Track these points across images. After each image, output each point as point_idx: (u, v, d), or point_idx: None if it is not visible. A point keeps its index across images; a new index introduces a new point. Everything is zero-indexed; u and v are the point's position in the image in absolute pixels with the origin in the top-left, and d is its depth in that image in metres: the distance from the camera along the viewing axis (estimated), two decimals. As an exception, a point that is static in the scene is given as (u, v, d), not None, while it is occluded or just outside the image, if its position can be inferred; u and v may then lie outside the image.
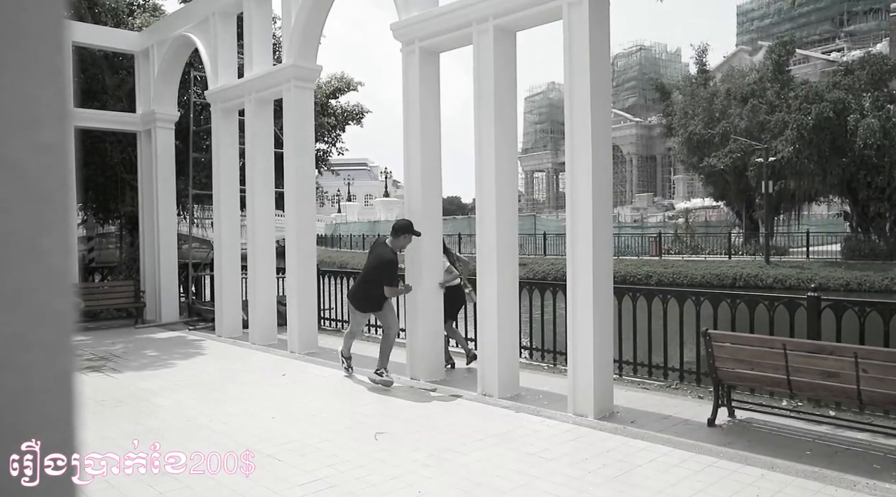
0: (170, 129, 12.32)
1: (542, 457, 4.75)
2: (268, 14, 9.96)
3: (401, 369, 7.56)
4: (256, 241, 9.78)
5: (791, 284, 25.21)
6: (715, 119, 33.51)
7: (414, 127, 7.28)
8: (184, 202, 14.80)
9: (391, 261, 6.99)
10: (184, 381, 7.42)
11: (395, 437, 5.27)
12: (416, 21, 7.15)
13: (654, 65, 78.17)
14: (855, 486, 4.11)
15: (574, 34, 5.80)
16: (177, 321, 12.15)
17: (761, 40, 57.43)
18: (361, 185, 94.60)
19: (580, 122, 5.79)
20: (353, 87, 17.82)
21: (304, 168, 9.18)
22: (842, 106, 28.11)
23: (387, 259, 6.95)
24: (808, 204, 35.61)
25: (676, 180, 68.28)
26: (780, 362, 5.00)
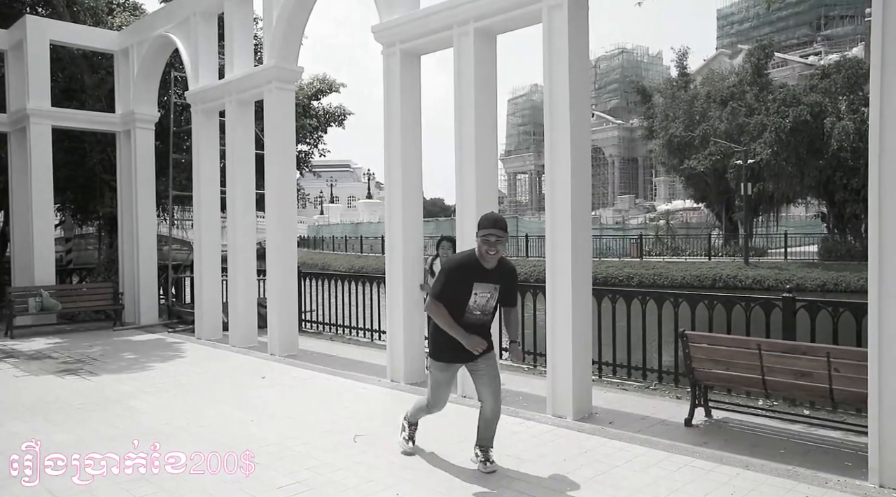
0: (150, 129, 12.22)
1: (521, 458, 4.77)
2: (249, 15, 9.92)
3: (381, 372, 7.56)
4: (237, 242, 9.73)
5: (769, 285, 25.54)
6: (695, 121, 33.90)
7: (395, 129, 7.29)
8: (164, 203, 14.71)
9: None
10: (162, 384, 7.36)
11: (375, 440, 5.27)
12: (398, 23, 7.16)
13: (636, 68, 78.77)
14: (826, 484, 4.18)
15: (553, 37, 5.84)
16: (156, 323, 12.04)
17: (741, 44, 58.13)
18: (344, 186, 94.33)
19: (560, 124, 5.84)
20: (335, 88, 17.82)
21: (284, 170, 9.15)
22: (818, 109, 28.56)
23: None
24: (787, 205, 36.13)
25: (658, 182, 68.80)
26: (756, 362, 5.08)
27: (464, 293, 4.26)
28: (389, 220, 7.42)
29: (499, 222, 4.23)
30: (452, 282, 4.26)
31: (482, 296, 4.27)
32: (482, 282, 4.26)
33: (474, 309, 4.28)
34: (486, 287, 4.28)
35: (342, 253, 48.65)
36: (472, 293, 4.25)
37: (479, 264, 4.25)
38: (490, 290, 4.30)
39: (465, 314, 4.29)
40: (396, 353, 7.29)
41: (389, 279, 7.41)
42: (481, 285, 4.26)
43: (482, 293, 4.26)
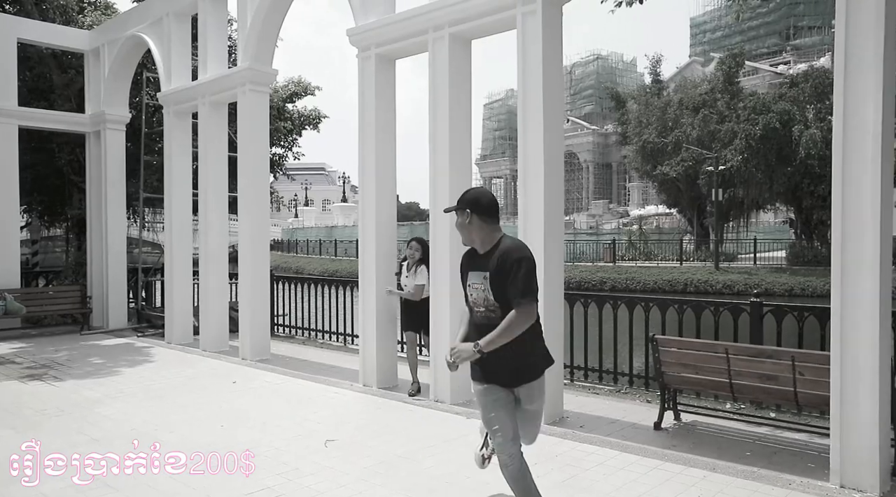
0: (120, 130, 12.04)
1: (493, 462, 4.78)
2: (223, 16, 9.84)
3: (353, 376, 7.53)
4: (209, 245, 9.62)
5: (739, 290, 25.95)
6: (668, 128, 34.35)
7: (369, 132, 7.28)
8: (134, 205, 14.48)
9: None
10: (130, 390, 7.25)
11: (346, 445, 5.25)
12: (373, 27, 7.16)
13: (611, 74, 79.64)
14: (790, 485, 4.26)
15: (527, 43, 5.89)
16: (125, 327, 11.85)
17: (713, 52, 59.11)
18: (319, 189, 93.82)
19: (533, 129, 5.88)
20: (310, 91, 17.74)
21: (258, 172, 9.08)
22: (787, 117, 29.17)
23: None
24: (756, 211, 36.75)
25: (631, 188, 69.60)
26: (723, 366, 5.16)
27: (464, 286, 3.59)
28: (363, 224, 7.41)
29: (461, 197, 3.55)
30: (459, 273, 3.67)
31: (475, 287, 3.47)
32: (474, 269, 3.50)
33: (475, 305, 3.50)
34: (477, 276, 3.47)
35: (316, 256, 48.35)
36: (468, 284, 3.55)
37: (472, 249, 3.57)
38: (480, 279, 3.44)
39: (472, 313, 3.55)
40: (369, 357, 7.26)
41: (362, 283, 7.38)
42: (473, 274, 3.50)
43: (475, 284, 3.47)
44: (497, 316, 3.36)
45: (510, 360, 3.39)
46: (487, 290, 3.39)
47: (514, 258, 3.30)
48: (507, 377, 3.43)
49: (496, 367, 3.39)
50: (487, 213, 3.43)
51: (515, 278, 3.27)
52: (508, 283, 3.28)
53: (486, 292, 3.40)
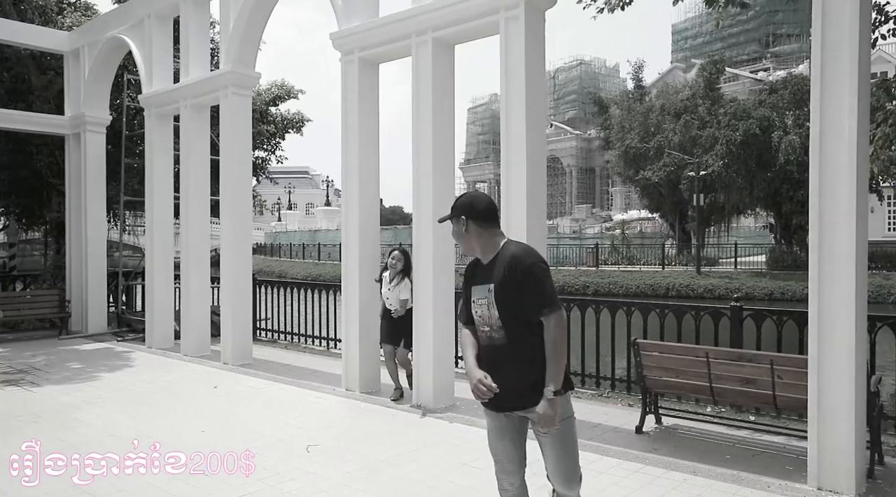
0: (101, 133, 11.91)
1: (475, 466, 4.79)
2: (206, 18, 9.78)
3: (336, 381, 7.50)
4: (190, 249, 9.55)
5: (720, 294, 26.20)
6: (650, 133, 34.63)
7: (352, 136, 7.27)
8: (115, 208, 14.32)
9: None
10: (109, 395, 7.16)
11: (328, 450, 5.22)
12: (356, 31, 7.16)
13: (594, 79, 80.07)
14: (769, 488, 4.31)
15: (510, 48, 5.92)
16: (105, 332, 11.71)
17: (695, 58, 59.65)
18: (303, 193, 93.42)
19: (515, 134, 5.91)
20: (293, 94, 17.68)
21: (240, 176, 9.04)
22: (767, 123, 29.53)
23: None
24: (737, 216, 37.13)
25: (614, 192, 70.02)
26: (704, 370, 5.21)
27: (467, 304, 3.09)
28: (346, 228, 7.39)
29: (454, 203, 3.10)
30: (463, 288, 3.16)
31: (480, 303, 2.98)
32: (477, 283, 3.02)
33: (480, 324, 2.99)
34: (481, 290, 2.98)
35: (299, 260, 48.14)
36: (472, 301, 3.03)
37: (476, 259, 3.09)
38: (484, 293, 2.95)
39: (477, 334, 3.04)
40: (352, 361, 7.24)
41: (345, 287, 7.36)
42: (477, 288, 3.01)
43: (479, 300, 2.98)
44: (500, 337, 2.90)
45: (515, 380, 2.88)
46: (492, 304, 2.91)
47: (525, 264, 2.84)
48: (514, 400, 2.92)
49: (500, 389, 2.87)
50: (484, 218, 2.99)
51: (533, 286, 2.81)
52: (525, 294, 2.82)
53: (490, 308, 2.92)
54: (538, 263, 2.88)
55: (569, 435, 2.98)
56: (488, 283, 2.94)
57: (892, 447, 5.02)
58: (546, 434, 2.92)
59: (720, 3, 7.65)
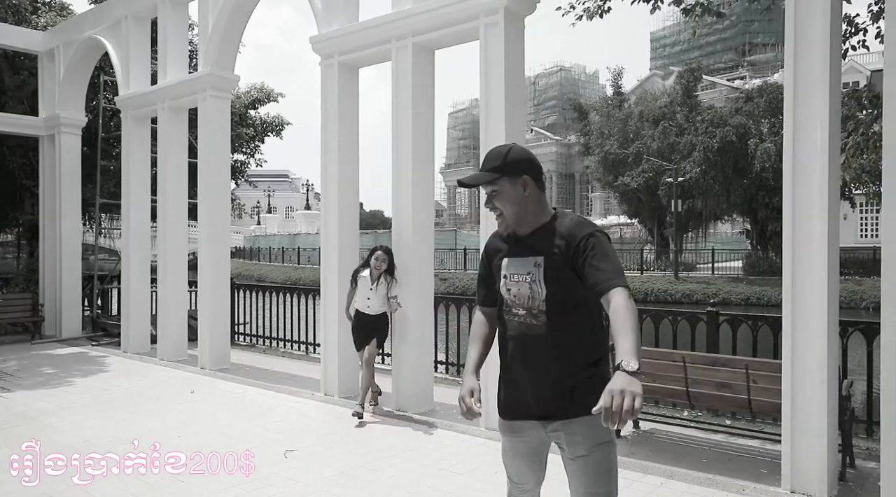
0: (76, 134, 11.74)
1: (454, 471, 4.79)
2: (184, 20, 9.70)
3: (314, 386, 7.46)
4: (167, 252, 9.45)
5: (698, 299, 26.46)
6: (629, 139, 34.95)
7: (332, 140, 7.25)
8: (90, 211, 14.12)
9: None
10: (83, 400, 7.05)
11: (306, 455, 5.19)
12: (336, 35, 7.15)
13: (574, 85, 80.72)
14: (744, 491, 4.36)
15: (490, 54, 5.95)
16: (79, 336, 11.53)
17: (673, 66, 60.37)
18: (282, 197, 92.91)
19: (495, 139, 5.92)
20: (273, 98, 17.59)
21: (219, 179, 8.96)
22: (743, 130, 29.98)
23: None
24: (714, 222, 37.60)
25: (594, 198, 70.58)
26: (680, 374, 5.26)
27: (493, 280, 2.51)
28: (325, 232, 7.36)
29: (503, 157, 2.38)
30: (481, 266, 2.63)
31: (516, 280, 2.40)
32: (515, 255, 2.43)
33: (514, 305, 2.42)
34: (521, 264, 2.41)
35: (279, 264, 47.83)
36: (501, 277, 2.45)
37: (509, 231, 2.48)
38: (528, 268, 2.38)
39: (504, 319, 2.47)
40: (330, 366, 7.20)
41: (324, 291, 7.33)
42: (514, 262, 2.43)
43: (516, 275, 2.40)
44: (540, 324, 2.34)
45: (549, 380, 2.34)
46: (538, 282, 2.34)
47: (586, 233, 2.29)
48: (543, 407, 2.37)
49: (516, 391, 2.41)
50: (541, 178, 2.43)
51: (603, 258, 2.23)
52: (592, 268, 2.23)
53: (534, 285, 2.35)
54: (602, 231, 2.34)
55: (608, 466, 2.38)
56: (536, 255, 2.36)
57: (863, 450, 5.10)
58: (579, 459, 2.34)
59: (697, 13, 7.75)
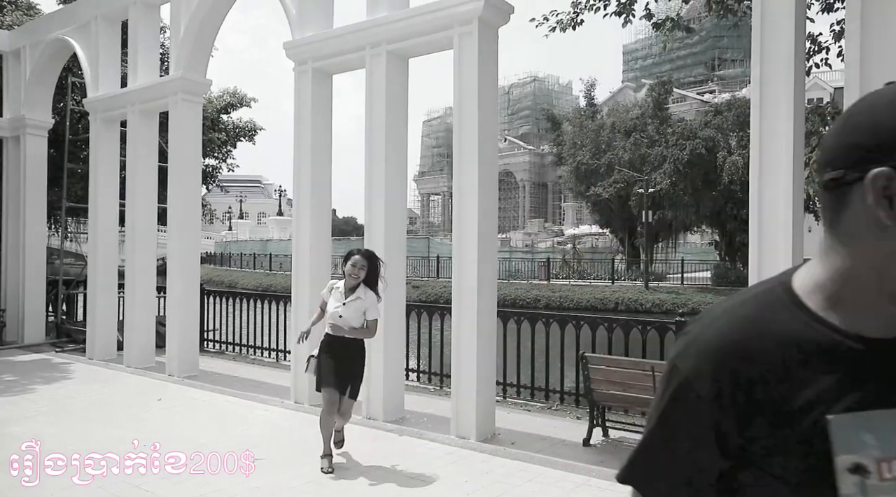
0: (42, 136, 11.51)
1: (423, 480, 4.78)
2: (156, 23, 9.60)
3: (284, 393, 7.38)
4: (136, 257, 9.29)
5: (667, 308, 26.79)
6: (601, 150, 35.35)
7: (305, 146, 7.22)
8: (56, 215, 13.83)
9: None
10: (45, 408, 6.88)
11: (275, 463, 5.13)
12: (310, 41, 7.13)
13: (547, 96, 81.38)
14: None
15: (463, 63, 5.99)
16: (42, 342, 11.26)
17: (644, 78, 61.30)
18: (254, 202, 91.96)
19: (468, 148, 5.96)
20: (246, 102, 17.45)
21: (189, 184, 8.86)
22: (712, 143, 30.53)
23: None
24: (684, 233, 38.15)
25: (566, 207, 71.09)
26: (649, 383, 5.31)
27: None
28: (297, 238, 7.32)
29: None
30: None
31: None
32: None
33: None
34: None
35: (250, 270, 47.26)
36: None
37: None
38: None
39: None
40: (301, 373, 7.12)
41: (296, 298, 7.28)
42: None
43: None
44: None
45: None
46: None
47: None
48: None
49: None
50: None
51: None
52: None
53: None
54: None
55: None
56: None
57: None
58: None
59: (667, 27, 7.90)
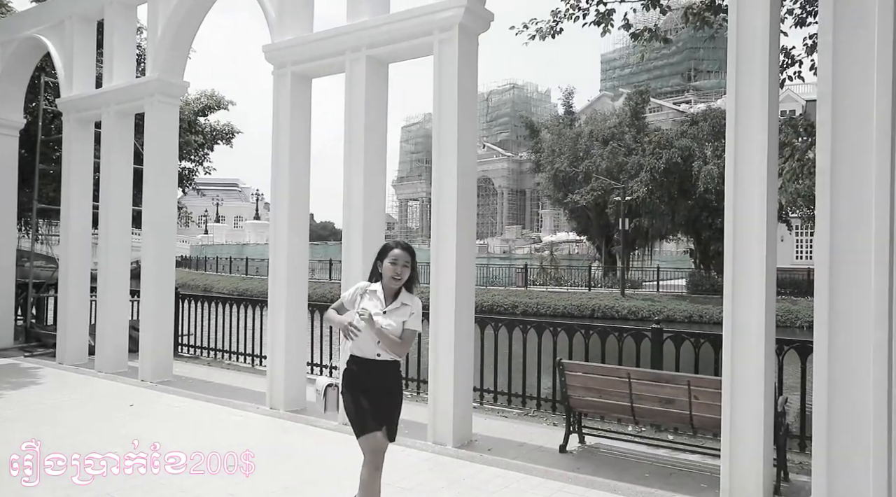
0: (13, 136, 11.29)
1: (400, 486, 4.75)
2: (132, 23, 9.48)
3: (260, 399, 7.31)
4: (109, 260, 9.15)
5: (643, 316, 27.05)
6: (579, 158, 35.67)
7: (283, 150, 7.17)
8: (27, 216, 13.59)
9: None
10: (10, 414, 6.72)
11: (251, 470, 5.06)
12: (290, 45, 7.10)
13: (526, 103, 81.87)
14: (684, 505, 4.45)
15: (443, 69, 6.00)
16: (10, 347, 11.01)
17: (622, 87, 62.01)
18: (231, 206, 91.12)
19: (447, 154, 5.97)
20: (223, 105, 17.32)
21: (165, 186, 8.76)
22: (688, 153, 30.95)
23: None
24: (660, 241, 38.56)
25: (544, 214, 71.50)
26: (625, 390, 5.35)
27: None
28: (274, 242, 7.26)
29: None
30: None
31: None
32: None
33: None
34: None
35: (226, 274, 46.79)
36: None
37: None
38: None
39: None
40: (277, 379, 7.07)
41: (272, 302, 7.21)
42: None
43: None
44: None
45: None
46: None
47: None
48: None
49: None
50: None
51: None
52: None
53: None
54: None
55: None
56: None
57: (796, 464, 5.27)
58: None
59: (645, 37, 8.00)
